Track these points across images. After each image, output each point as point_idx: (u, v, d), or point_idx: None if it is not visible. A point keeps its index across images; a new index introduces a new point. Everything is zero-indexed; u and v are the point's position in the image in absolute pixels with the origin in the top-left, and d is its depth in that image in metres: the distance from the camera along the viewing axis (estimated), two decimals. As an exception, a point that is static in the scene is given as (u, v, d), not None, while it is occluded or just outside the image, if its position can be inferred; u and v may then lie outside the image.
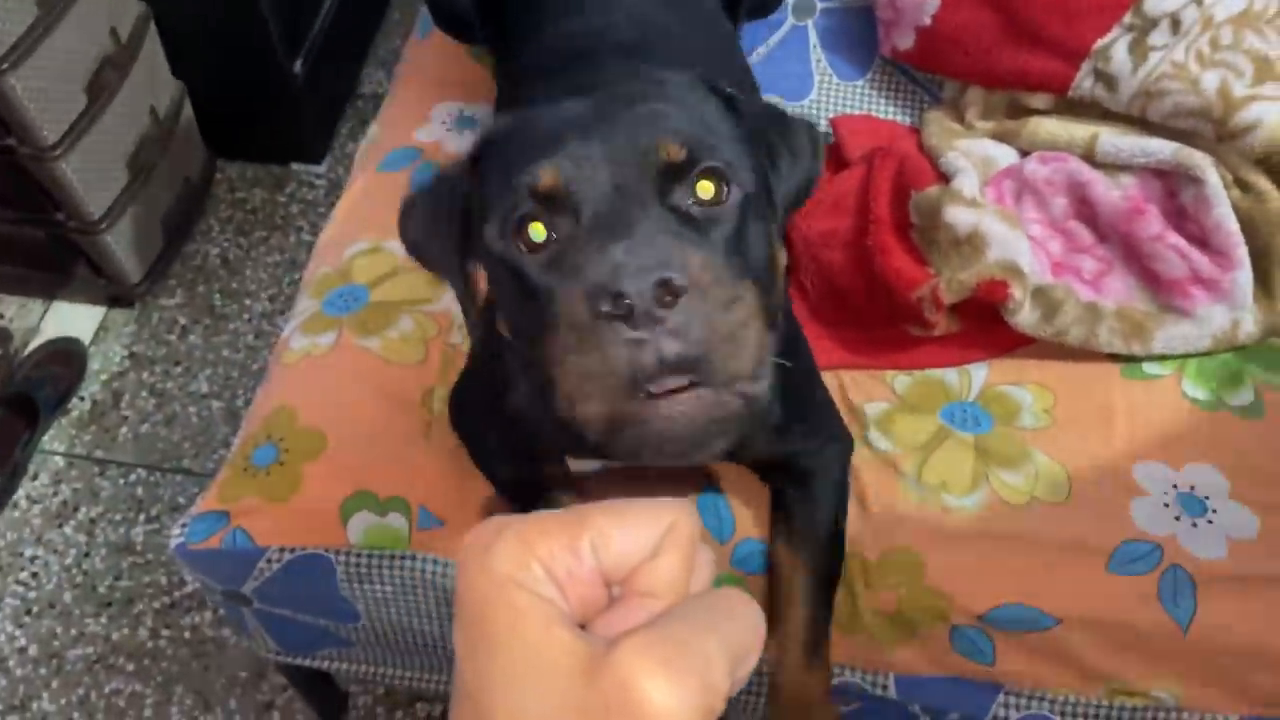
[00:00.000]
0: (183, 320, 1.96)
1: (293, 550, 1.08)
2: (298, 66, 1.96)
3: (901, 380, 1.18)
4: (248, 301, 1.96)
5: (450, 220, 0.78)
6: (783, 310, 0.94)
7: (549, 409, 0.71)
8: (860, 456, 1.09)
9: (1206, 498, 1.05)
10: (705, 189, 0.70)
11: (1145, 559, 1.02)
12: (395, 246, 1.25)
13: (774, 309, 0.74)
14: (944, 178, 1.22)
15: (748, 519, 1.08)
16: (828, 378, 1.12)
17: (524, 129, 0.75)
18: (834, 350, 1.18)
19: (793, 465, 1.05)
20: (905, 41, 1.35)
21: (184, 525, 1.10)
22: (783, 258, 0.78)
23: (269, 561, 1.09)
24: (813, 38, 1.47)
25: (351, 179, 1.37)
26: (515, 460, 1.06)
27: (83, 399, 1.87)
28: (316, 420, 1.12)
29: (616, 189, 0.67)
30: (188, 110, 1.96)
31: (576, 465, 1.09)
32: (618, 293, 0.60)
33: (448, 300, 1.20)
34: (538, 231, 0.69)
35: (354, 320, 1.18)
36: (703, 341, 0.62)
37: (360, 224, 1.28)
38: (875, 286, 1.19)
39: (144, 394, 1.87)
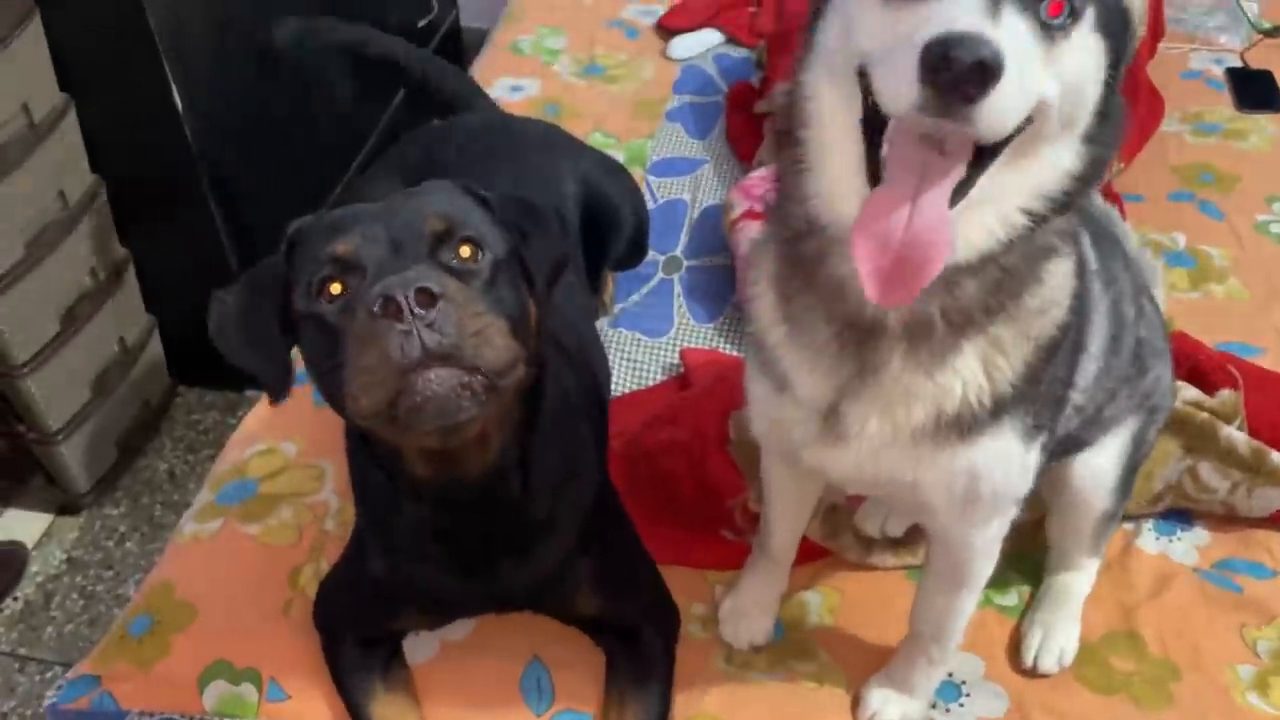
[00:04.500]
0: (122, 528, 2.11)
1: (151, 714, 1.19)
2: (257, 306, 2.23)
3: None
4: (185, 512, 2.12)
5: (273, 294, 0.96)
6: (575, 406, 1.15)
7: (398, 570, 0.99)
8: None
9: (963, 683, 1.18)
10: (465, 251, 0.91)
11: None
12: (288, 447, 1.44)
13: (528, 339, 0.94)
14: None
15: (567, 691, 1.20)
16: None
17: (326, 221, 0.96)
18: (659, 548, 1.33)
19: (621, 626, 1.20)
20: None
21: (59, 687, 1.22)
22: (534, 313, 0.97)
23: (130, 724, 1.20)
24: (677, 288, 1.73)
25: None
26: (366, 626, 1.20)
27: (16, 599, 1.99)
28: (191, 595, 1.27)
29: (395, 253, 0.89)
30: (155, 342, 2.21)
31: (416, 643, 1.22)
32: (388, 297, 0.81)
33: (326, 492, 1.38)
34: (336, 287, 0.89)
35: (240, 509, 1.36)
36: (456, 335, 0.83)
37: (263, 428, 1.48)
38: (702, 492, 1.36)
39: (74, 595, 2.00)
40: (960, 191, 0.72)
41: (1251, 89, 2.13)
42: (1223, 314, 1.62)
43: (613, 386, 1.56)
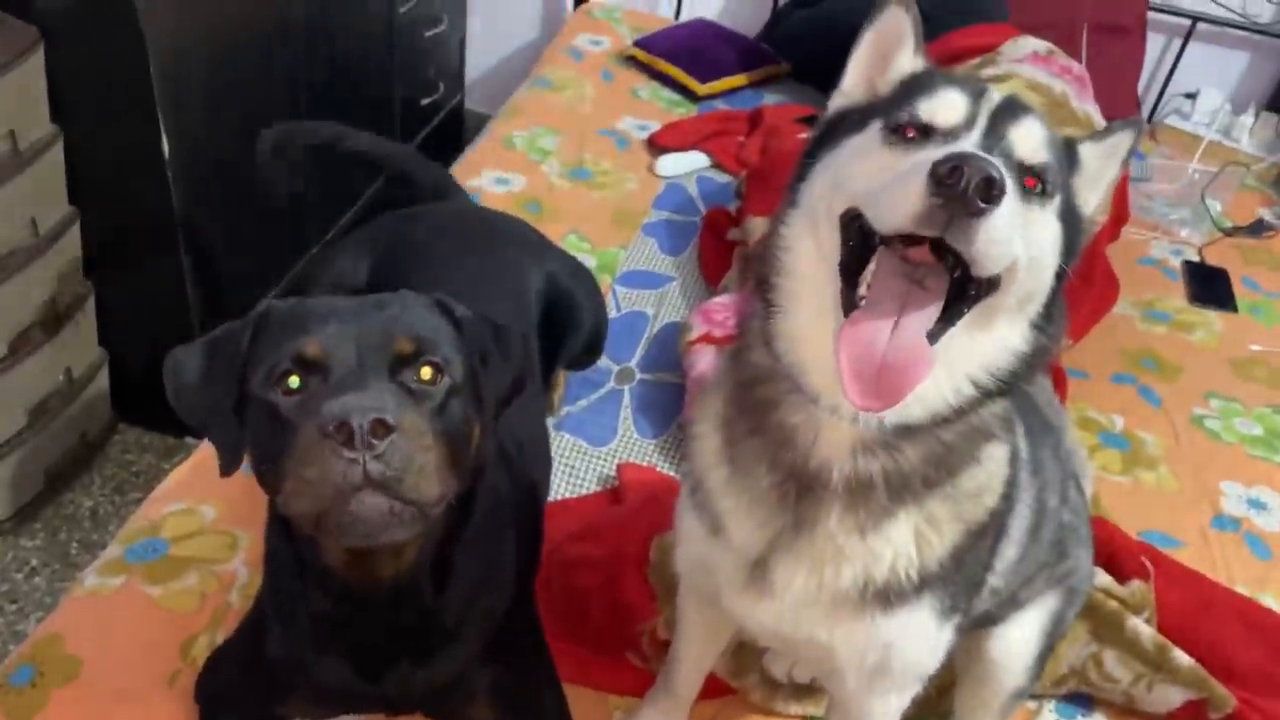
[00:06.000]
0: (34, 561, 2.06)
1: (16, 771, 1.15)
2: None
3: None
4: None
5: (230, 369, 0.95)
6: (488, 489, 1.12)
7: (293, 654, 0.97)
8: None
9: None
10: (425, 373, 0.93)
11: None
12: (208, 510, 1.42)
13: (465, 466, 0.95)
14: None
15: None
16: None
17: (298, 311, 0.96)
18: (562, 665, 1.31)
19: None
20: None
21: (-76, 729, 1.17)
22: (478, 434, 0.98)
23: (-9, 779, 1.15)
24: (627, 399, 1.74)
25: (199, 447, 1.57)
26: (250, 707, 1.17)
27: (-90, 621, 1.93)
28: (79, 650, 1.23)
29: (360, 363, 0.90)
30: (103, 378, 2.19)
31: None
32: (344, 421, 0.82)
33: (237, 563, 1.36)
34: (294, 380, 0.90)
35: (146, 569, 1.33)
36: (399, 469, 0.84)
37: (185, 487, 1.46)
38: (613, 613, 1.35)
39: (-31, 625, 1.93)
40: (931, 338, 0.76)
41: (1205, 284, 2.22)
42: (1150, 502, 1.65)
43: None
